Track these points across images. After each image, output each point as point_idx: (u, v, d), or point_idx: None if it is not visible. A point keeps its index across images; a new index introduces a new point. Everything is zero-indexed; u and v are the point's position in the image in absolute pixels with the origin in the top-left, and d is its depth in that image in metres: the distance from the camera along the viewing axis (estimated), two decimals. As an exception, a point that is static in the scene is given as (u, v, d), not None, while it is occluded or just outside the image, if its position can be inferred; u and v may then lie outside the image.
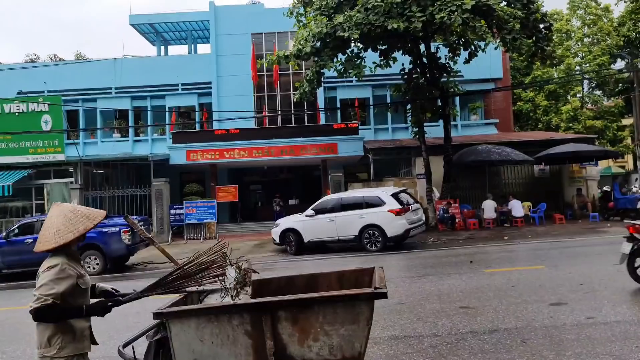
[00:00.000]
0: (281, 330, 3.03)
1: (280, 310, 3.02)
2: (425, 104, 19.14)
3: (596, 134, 29.10)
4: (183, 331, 3.05)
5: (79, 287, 3.13)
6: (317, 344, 3.03)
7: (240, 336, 3.04)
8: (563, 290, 7.72)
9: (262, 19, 26.66)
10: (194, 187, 23.49)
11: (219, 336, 3.04)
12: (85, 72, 26.91)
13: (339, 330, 3.02)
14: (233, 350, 3.04)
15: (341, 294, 3.10)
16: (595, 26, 32.46)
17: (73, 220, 3.12)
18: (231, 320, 3.04)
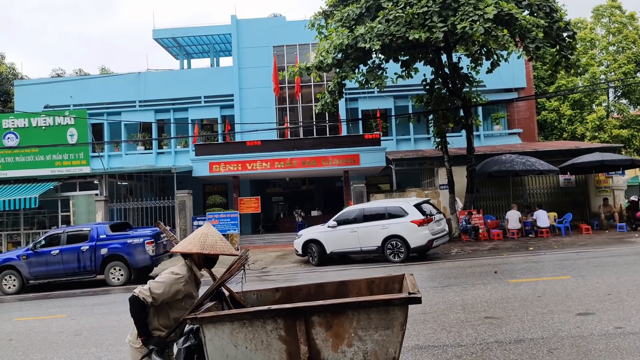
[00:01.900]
0: (315, 335, 3.03)
1: (314, 315, 3.03)
2: (447, 114, 19.04)
3: (622, 143, 28.53)
4: (217, 336, 3.07)
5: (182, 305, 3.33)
6: (351, 349, 3.02)
7: (274, 341, 3.06)
8: (590, 300, 7.57)
9: (284, 32, 26.95)
10: (217, 198, 23.68)
11: (253, 341, 3.06)
12: (110, 86, 27.49)
13: (372, 335, 3.02)
14: (267, 355, 3.06)
15: (375, 299, 3.08)
16: (620, 34, 31.94)
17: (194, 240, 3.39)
18: (265, 325, 3.06)
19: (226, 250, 3.35)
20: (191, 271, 3.35)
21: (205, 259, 3.41)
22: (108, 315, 9.53)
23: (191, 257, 3.39)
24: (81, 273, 13.96)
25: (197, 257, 3.38)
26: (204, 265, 3.45)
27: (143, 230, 15.01)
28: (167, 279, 3.20)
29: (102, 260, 13.83)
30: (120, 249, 13.83)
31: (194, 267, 3.41)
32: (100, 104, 27.37)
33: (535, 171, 18.59)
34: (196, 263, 3.40)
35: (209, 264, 3.48)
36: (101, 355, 6.77)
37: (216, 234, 3.42)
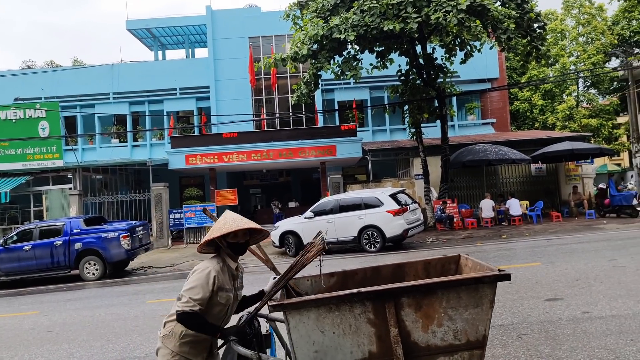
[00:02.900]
0: (405, 317, 2.99)
1: (403, 296, 2.99)
2: (422, 104, 19.23)
3: (592, 132, 29.23)
4: (302, 323, 2.98)
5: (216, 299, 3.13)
6: (441, 329, 3.01)
7: (363, 325, 2.99)
8: (559, 286, 7.79)
9: (259, 23, 26.79)
10: (193, 191, 23.54)
11: (341, 326, 2.99)
12: (83, 78, 27.00)
13: (462, 314, 3.01)
14: (355, 340, 3.00)
15: (466, 277, 3.06)
16: (589, 25, 32.58)
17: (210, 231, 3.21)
18: (353, 309, 2.98)
19: (241, 225, 3.14)
20: (223, 262, 3.18)
21: (231, 246, 3.20)
22: (82, 311, 9.46)
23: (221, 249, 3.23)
24: (55, 268, 13.78)
25: (223, 247, 3.21)
26: (234, 252, 3.24)
27: (118, 224, 14.88)
28: (198, 279, 3.04)
29: (76, 255, 13.67)
30: (94, 243, 13.68)
31: (227, 258, 3.23)
32: (73, 96, 26.89)
33: (507, 160, 18.95)
34: (227, 254, 3.23)
35: (236, 250, 3.25)
36: (73, 351, 6.73)
37: (230, 217, 3.23)
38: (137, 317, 8.40)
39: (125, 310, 9.05)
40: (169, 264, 15.64)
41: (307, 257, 3.14)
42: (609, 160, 36.74)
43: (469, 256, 3.78)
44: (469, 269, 3.67)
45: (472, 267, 3.62)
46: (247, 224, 3.17)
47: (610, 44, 31.85)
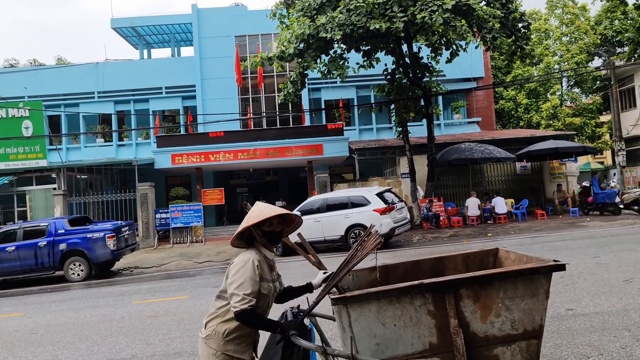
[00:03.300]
0: (463, 308, 3.02)
1: (462, 288, 3.02)
2: (408, 103, 19.32)
3: (575, 130, 29.58)
4: (363, 315, 2.98)
5: (260, 291, 3.06)
6: (499, 319, 3.05)
7: (424, 316, 3.00)
8: (544, 283, 7.87)
9: (245, 22, 26.71)
10: (180, 190, 23.41)
11: (402, 318, 2.99)
12: (67, 76, 26.70)
13: (519, 304, 3.05)
14: (416, 332, 3.01)
15: (522, 268, 3.10)
16: (572, 25, 32.97)
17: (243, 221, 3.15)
18: (413, 301, 2.99)
19: (272, 213, 3.09)
20: (260, 253, 3.12)
21: (266, 235, 3.13)
22: (66, 312, 9.37)
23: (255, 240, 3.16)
24: (39, 269, 13.62)
25: (258, 237, 3.13)
26: (269, 241, 3.17)
27: (103, 224, 14.75)
28: (244, 273, 2.96)
29: (61, 256, 13.53)
30: (79, 243, 13.55)
31: (262, 248, 3.16)
32: (57, 95, 26.59)
33: (493, 159, 19.12)
34: (262, 244, 3.16)
35: (272, 239, 3.17)
36: (58, 353, 6.66)
37: (263, 205, 3.18)
38: (123, 318, 8.34)
39: (111, 311, 8.98)
40: (155, 264, 15.54)
41: (365, 251, 3.11)
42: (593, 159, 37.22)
43: (509, 249, 3.85)
44: (512, 261, 3.73)
45: (515, 260, 3.67)
46: (281, 211, 3.15)
47: (593, 44, 32.27)
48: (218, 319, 3.05)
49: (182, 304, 9.06)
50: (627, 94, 31.03)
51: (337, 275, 3.16)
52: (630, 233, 13.31)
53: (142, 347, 6.50)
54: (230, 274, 3.02)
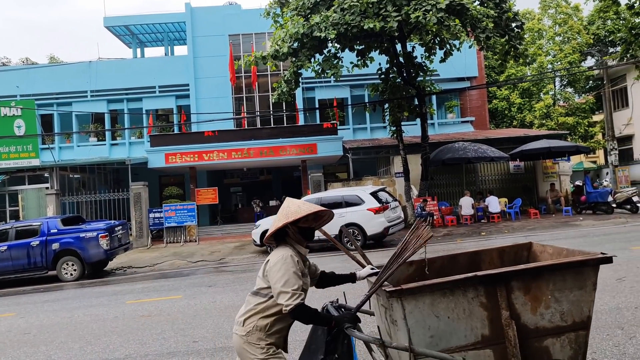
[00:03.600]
0: (514, 300, 3.07)
1: (513, 280, 3.07)
2: (402, 103, 19.34)
3: (568, 130, 29.71)
4: (418, 308, 2.98)
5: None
6: (548, 311, 3.11)
7: (476, 308, 3.05)
8: (537, 282, 7.90)
9: (239, 20, 26.65)
10: (173, 190, 23.34)
11: (455, 310, 3.02)
12: (60, 75, 26.56)
13: (568, 296, 3.11)
14: (469, 324, 3.04)
15: (571, 260, 3.16)
16: (565, 25, 33.12)
17: (277, 218, 3.13)
18: (466, 293, 3.03)
19: (311, 209, 3.12)
20: (294, 249, 3.12)
21: (301, 232, 3.15)
22: (59, 312, 9.32)
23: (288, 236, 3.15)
24: (31, 269, 13.54)
25: (292, 234, 3.13)
26: (304, 239, 3.18)
27: (97, 223, 14.68)
28: (287, 269, 2.96)
29: (53, 256, 13.45)
30: (72, 243, 13.48)
31: (296, 245, 3.16)
32: (50, 94, 26.44)
33: (486, 158, 19.19)
34: (296, 240, 3.16)
35: (306, 236, 3.18)
36: (51, 353, 6.62)
37: (297, 201, 3.20)
38: (116, 318, 8.31)
39: (105, 311, 8.94)
40: (149, 264, 15.49)
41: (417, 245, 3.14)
42: (585, 158, 37.40)
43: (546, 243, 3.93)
44: (549, 254, 3.82)
45: (553, 253, 3.76)
46: (317, 207, 3.18)
47: (586, 44, 32.43)
48: (257, 315, 3.07)
49: (176, 304, 9.03)
50: (620, 93, 31.24)
51: (389, 268, 3.17)
52: (622, 232, 13.40)
53: (136, 347, 6.48)
54: (271, 272, 3.01)
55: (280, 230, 3.11)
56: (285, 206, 3.18)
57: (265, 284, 3.07)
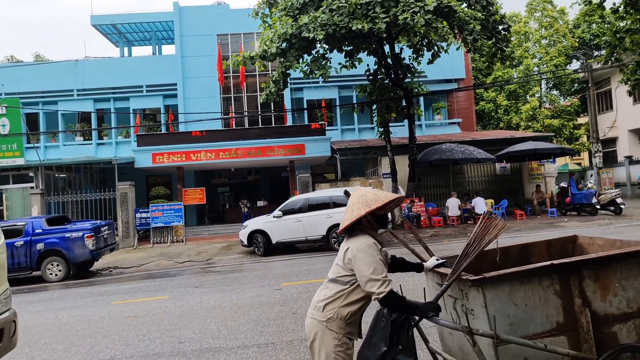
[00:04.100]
0: (586, 287, 3.23)
1: (584, 269, 3.23)
2: (390, 104, 19.43)
3: (554, 132, 30.06)
4: (497, 297, 3.07)
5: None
6: (616, 298, 3.25)
7: (551, 296, 3.18)
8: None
9: (228, 20, 26.58)
10: (160, 190, 23.20)
11: (532, 298, 3.13)
12: (45, 73, 26.29)
13: (633, 284, 3.30)
14: (545, 311, 3.16)
15: (636, 250, 3.33)
16: (551, 28, 33.50)
17: (354, 207, 3.14)
18: (542, 281, 3.17)
19: (389, 196, 3.15)
20: (373, 237, 3.12)
21: (377, 219, 3.17)
22: (44, 313, 9.22)
23: (363, 225, 3.14)
24: (15, 270, 13.36)
25: (367, 222, 3.13)
26: (379, 226, 3.19)
27: (82, 223, 14.54)
28: (372, 256, 2.97)
29: (38, 256, 13.30)
30: (57, 243, 13.34)
31: (372, 232, 3.16)
32: (35, 92, 26.16)
33: (473, 160, 19.33)
34: (372, 228, 3.16)
35: (382, 223, 3.20)
36: (35, 355, 6.55)
37: (370, 189, 3.22)
38: (102, 319, 8.25)
39: (90, 312, 8.87)
40: (135, 264, 15.39)
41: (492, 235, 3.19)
42: (570, 160, 37.84)
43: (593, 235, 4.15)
44: (599, 246, 4.05)
45: (604, 245, 3.99)
46: (393, 195, 3.22)
47: (571, 47, 32.84)
48: (338, 301, 3.09)
49: (162, 304, 8.99)
50: (604, 96, 31.66)
51: (465, 258, 3.21)
52: (606, 233, 13.57)
53: (121, 348, 6.44)
54: (356, 260, 3.01)
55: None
56: (359, 195, 3.20)
57: (345, 271, 3.09)
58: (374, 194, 3.16)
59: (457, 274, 3.14)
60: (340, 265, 3.13)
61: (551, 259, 3.67)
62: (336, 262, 3.18)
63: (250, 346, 6.00)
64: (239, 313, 7.74)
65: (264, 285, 9.97)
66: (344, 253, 3.11)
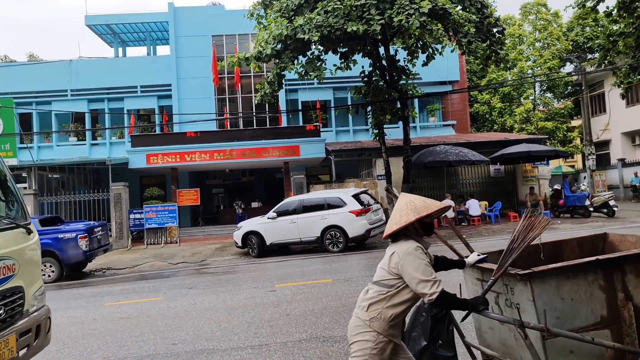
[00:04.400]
0: (627, 282, 3.32)
1: (626, 264, 3.31)
2: (384, 106, 19.45)
3: (547, 134, 30.18)
4: (545, 291, 3.15)
5: None
6: None
7: (596, 291, 3.27)
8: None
9: (223, 21, 26.55)
10: (155, 190, 23.14)
11: (577, 292, 3.23)
12: (39, 73, 26.16)
13: None
14: (589, 305, 3.23)
15: None
16: (545, 31, 33.68)
17: (403, 212, 3.22)
18: (587, 276, 3.25)
19: (437, 204, 3.25)
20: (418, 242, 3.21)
21: (423, 226, 3.26)
22: (38, 313, 9.16)
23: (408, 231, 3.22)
24: (8, 270, 13.29)
25: (413, 229, 3.21)
26: (424, 233, 3.27)
27: (76, 224, 14.48)
28: (420, 259, 3.02)
29: (31, 257, 13.22)
30: (50, 244, 13.25)
31: (417, 238, 3.24)
32: (29, 92, 26.01)
33: (467, 162, 19.39)
34: (417, 234, 3.24)
35: (428, 231, 3.29)
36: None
37: (418, 197, 3.30)
38: (95, 320, 8.22)
39: (83, 313, 8.83)
40: (129, 265, 15.34)
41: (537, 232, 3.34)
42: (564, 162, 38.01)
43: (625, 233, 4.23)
44: (632, 243, 4.14)
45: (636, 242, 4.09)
46: (441, 204, 3.32)
47: (565, 50, 33.02)
48: (382, 302, 3.14)
49: (156, 306, 8.96)
50: (597, 99, 31.85)
51: (511, 254, 3.31)
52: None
53: (115, 350, 6.42)
54: (405, 264, 3.08)
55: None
56: (407, 202, 3.28)
57: (391, 275, 3.15)
58: (422, 201, 3.25)
59: (504, 269, 3.24)
60: (385, 270, 3.20)
61: (583, 256, 3.82)
62: (381, 266, 3.25)
63: (244, 347, 5.99)
64: (233, 314, 7.73)
65: (258, 287, 9.96)
66: (390, 258, 3.19)
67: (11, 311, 4.02)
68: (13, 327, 4.03)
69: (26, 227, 4.59)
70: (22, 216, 4.71)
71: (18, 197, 4.76)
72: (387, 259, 3.21)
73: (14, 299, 4.05)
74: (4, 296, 3.95)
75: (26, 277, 4.30)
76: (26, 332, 4.16)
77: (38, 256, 4.73)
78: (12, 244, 4.22)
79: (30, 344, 4.23)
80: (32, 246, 4.57)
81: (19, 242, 4.35)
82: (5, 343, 3.83)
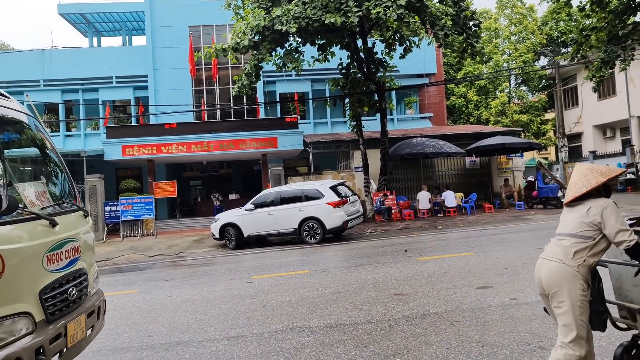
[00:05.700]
0: None
1: None
2: (362, 98, 19.53)
3: (522, 127, 30.68)
4: None
5: None
6: None
7: None
8: (490, 274, 8.18)
9: (200, 11, 26.25)
10: (131, 183, 22.88)
11: None
12: (10, 63, 25.57)
13: None
14: None
15: None
16: (520, 25, 34.14)
17: (588, 177, 3.49)
18: None
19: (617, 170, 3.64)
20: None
21: (605, 189, 3.54)
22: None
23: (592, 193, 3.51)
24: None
25: (596, 192, 3.50)
26: (606, 195, 3.54)
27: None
28: (618, 212, 3.36)
29: (3, 250, 12.99)
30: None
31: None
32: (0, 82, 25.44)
33: (443, 154, 19.60)
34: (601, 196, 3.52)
35: (608, 192, 3.57)
36: (2, 348, 6.44)
37: (595, 165, 3.62)
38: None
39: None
40: (104, 258, 15.17)
41: None
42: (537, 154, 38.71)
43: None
44: None
45: None
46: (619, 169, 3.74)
47: (539, 44, 33.52)
48: (586, 251, 3.38)
49: (131, 298, 8.90)
50: (570, 92, 32.43)
51: None
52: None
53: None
54: (606, 215, 3.34)
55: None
56: (589, 168, 3.59)
57: (589, 227, 3.38)
58: (602, 167, 3.58)
59: None
60: (585, 222, 3.41)
61: None
62: (579, 219, 3.45)
63: (220, 339, 6.01)
64: (209, 306, 7.73)
65: (235, 279, 9.96)
66: (587, 212, 3.42)
67: (79, 292, 4.06)
68: (82, 307, 4.09)
69: (85, 210, 4.71)
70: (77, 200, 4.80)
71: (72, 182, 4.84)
72: (583, 212, 3.43)
73: (81, 280, 4.12)
74: (74, 277, 4.00)
75: (87, 260, 4.37)
76: (91, 314, 4.21)
77: (93, 240, 4.79)
78: (77, 226, 4.31)
79: (94, 324, 4.29)
80: (89, 229, 4.65)
81: (80, 225, 4.43)
82: (78, 324, 3.89)
